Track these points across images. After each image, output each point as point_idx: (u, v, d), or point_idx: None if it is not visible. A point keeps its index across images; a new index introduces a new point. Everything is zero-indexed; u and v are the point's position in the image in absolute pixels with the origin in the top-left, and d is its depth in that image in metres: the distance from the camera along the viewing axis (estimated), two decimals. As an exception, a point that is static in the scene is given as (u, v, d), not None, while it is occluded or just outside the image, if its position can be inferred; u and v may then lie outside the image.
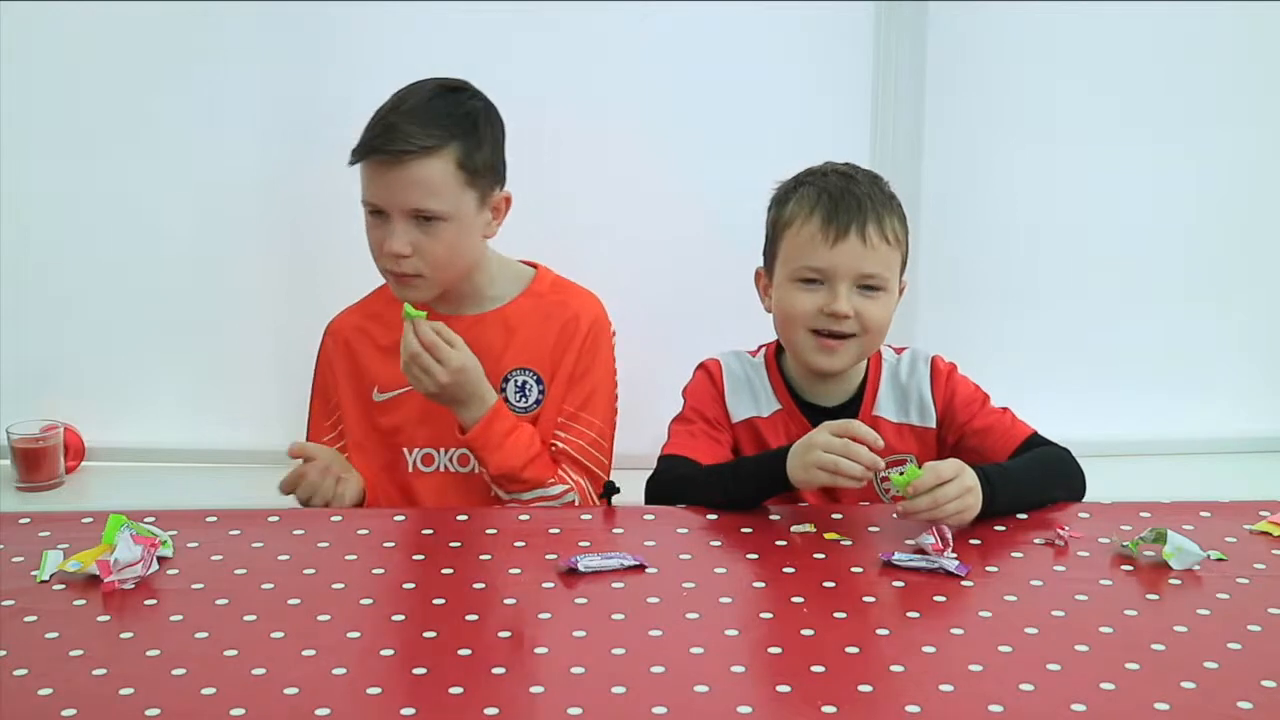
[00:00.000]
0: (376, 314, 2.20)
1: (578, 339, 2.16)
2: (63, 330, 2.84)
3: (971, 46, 2.73)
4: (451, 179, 2.05)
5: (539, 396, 2.16)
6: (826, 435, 1.81)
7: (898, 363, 2.07)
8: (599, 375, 2.18)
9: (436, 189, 2.04)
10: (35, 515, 1.84)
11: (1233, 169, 2.82)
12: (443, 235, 2.06)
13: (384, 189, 2.05)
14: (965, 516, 1.78)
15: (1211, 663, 1.48)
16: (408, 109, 2.05)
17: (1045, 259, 2.87)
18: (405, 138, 2.02)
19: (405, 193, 2.03)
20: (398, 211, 2.04)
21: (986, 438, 1.99)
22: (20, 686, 1.42)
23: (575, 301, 2.19)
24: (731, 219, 2.56)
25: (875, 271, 1.95)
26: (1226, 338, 2.92)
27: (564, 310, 2.17)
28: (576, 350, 2.16)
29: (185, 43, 2.69)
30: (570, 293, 2.21)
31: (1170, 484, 2.03)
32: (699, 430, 2.03)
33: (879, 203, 1.96)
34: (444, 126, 2.04)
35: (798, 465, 1.82)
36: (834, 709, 1.37)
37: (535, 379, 2.15)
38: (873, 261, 1.95)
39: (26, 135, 2.71)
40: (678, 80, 2.72)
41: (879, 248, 1.94)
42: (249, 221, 2.81)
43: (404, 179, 2.03)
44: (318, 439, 2.20)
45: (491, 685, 1.42)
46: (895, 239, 1.96)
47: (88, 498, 2.76)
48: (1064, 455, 1.97)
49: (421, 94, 2.08)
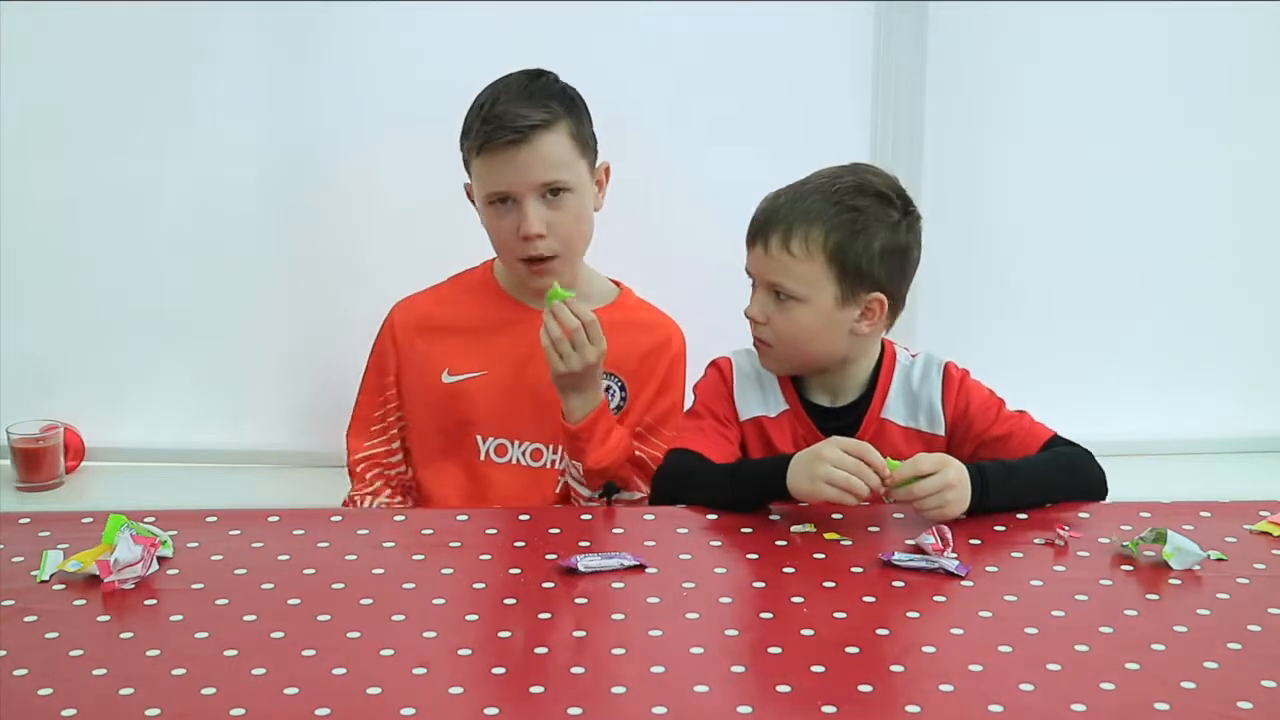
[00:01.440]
0: (449, 299, 2.25)
1: (667, 356, 2.23)
2: (63, 330, 2.84)
3: (971, 46, 2.72)
4: (569, 149, 2.13)
5: (621, 402, 2.19)
6: (839, 452, 1.80)
7: (911, 366, 2.06)
8: (678, 395, 2.23)
9: (561, 160, 2.11)
10: (35, 515, 1.84)
11: (1233, 168, 2.82)
12: (570, 207, 2.13)
13: (512, 171, 2.10)
14: (946, 511, 1.79)
15: (1211, 663, 1.48)
16: (510, 96, 2.11)
17: (1045, 259, 2.86)
18: (522, 117, 2.08)
19: (532, 170, 2.09)
20: (528, 191, 2.10)
21: (1007, 444, 1.98)
22: (20, 686, 1.42)
23: (665, 321, 2.28)
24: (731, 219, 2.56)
25: (777, 281, 1.96)
26: (1227, 337, 2.91)
27: (655, 326, 2.26)
28: (666, 366, 2.22)
29: (185, 42, 2.68)
30: (659, 313, 2.29)
31: (1170, 484, 2.03)
32: (708, 426, 2.03)
33: (800, 213, 1.94)
34: (550, 103, 2.12)
35: (803, 476, 1.81)
36: (834, 709, 1.37)
37: (620, 385, 2.18)
38: (773, 270, 1.96)
39: (26, 135, 2.70)
40: (677, 80, 2.71)
41: (779, 257, 1.95)
42: (249, 221, 2.80)
43: (530, 157, 2.09)
44: (364, 423, 2.24)
45: (491, 685, 1.42)
46: (805, 251, 1.93)
47: (88, 498, 2.76)
48: (1081, 455, 1.96)
49: (514, 83, 2.15)
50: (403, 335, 2.24)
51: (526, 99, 2.11)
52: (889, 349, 2.08)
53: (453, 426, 2.20)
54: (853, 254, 1.94)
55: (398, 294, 2.33)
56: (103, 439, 2.88)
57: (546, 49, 2.69)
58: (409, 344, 2.23)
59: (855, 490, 1.78)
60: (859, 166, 2.04)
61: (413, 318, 2.25)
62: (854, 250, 1.94)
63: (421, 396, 2.21)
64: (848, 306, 1.97)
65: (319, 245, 2.79)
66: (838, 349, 2.01)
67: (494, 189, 2.12)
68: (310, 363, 2.78)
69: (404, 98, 2.69)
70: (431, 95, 2.65)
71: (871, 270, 1.96)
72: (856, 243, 1.94)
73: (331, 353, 2.69)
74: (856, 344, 2.02)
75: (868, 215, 1.95)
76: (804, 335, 1.98)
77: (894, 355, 2.07)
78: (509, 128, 2.08)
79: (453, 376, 2.19)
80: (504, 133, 2.08)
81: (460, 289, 2.26)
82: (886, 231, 1.96)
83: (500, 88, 2.15)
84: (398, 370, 2.23)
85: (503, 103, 2.11)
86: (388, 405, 2.24)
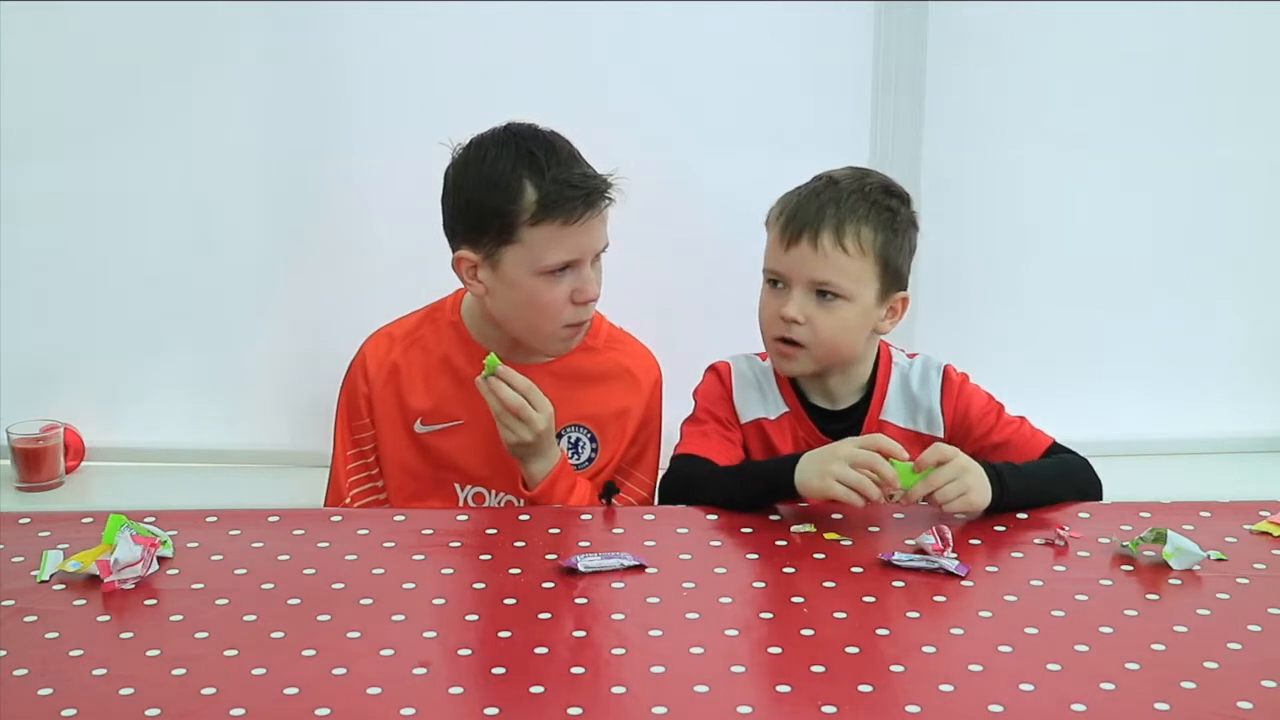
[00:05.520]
0: (419, 339, 2.14)
1: (638, 403, 2.14)
2: (63, 330, 2.84)
3: (971, 46, 2.73)
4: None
5: (591, 455, 2.13)
6: (854, 450, 1.81)
7: (909, 368, 2.06)
8: (654, 435, 2.17)
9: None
10: (35, 515, 1.84)
11: (1232, 169, 2.82)
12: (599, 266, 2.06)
13: (587, 238, 2.00)
14: (970, 498, 1.79)
15: (1211, 663, 1.48)
16: (565, 156, 1.99)
17: (1044, 259, 2.87)
18: (602, 180, 2.00)
19: (599, 233, 2.02)
20: (591, 255, 2.02)
21: (1006, 450, 1.98)
22: (20, 686, 1.42)
23: (634, 361, 2.16)
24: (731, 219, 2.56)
25: (827, 278, 1.94)
26: (1227, 338, 2.92)
27: (623, 371, 2.15)
28: (637, 415, 2.14)
29: (185, 43, 2.68)
30: (628, 350, 2.17)
31: (1170, 484, 2.02)
32: (711, 430, 2.03)
33: (848, 210, 1.94)
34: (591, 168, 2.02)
35: (813, 473, 1.81)
36: (834, 709, 1.37)
37: (589, 437, 2.12)
38: (824, 269, 1.94)
39: (26, 135, 2.71)
40: (678, 80, 2.72)
41: (832, 255, 1.93)
42: (250, 222, 2.81)
43: (599, 221, 2.01)
44: (342, 463, 2.15)
45: (492, 685, 1.42)
46: (859, 249, 1.93)
47: (88, 498, 2.76)
48: (1082, 463, 1.97)
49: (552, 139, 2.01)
50: (376, 383, 2.13)
51: (578, 157, 2.01)
52: (884, 350, 2.08)
53: (429, 473, 2.13)
54: (894, 252, 1.97)
55: (397, 294, 2.30)
56: (103, 439, 2.89)
57: (546, 50, 2.70)
58: (381, 392, 2.13)
59: (866, 491, 1.78)
60: (867, 170, 2.04)
61: (382, 365, 2.13)
62: (894, 249, 1.97)
63: (394, 443, 2.13)
64: (881, 305, 1.98)
65: (319, 245, 2.80)
66: (860, 348, 2.02)
67: (565, 258, 1.98)
68: (310, 363, 2.78)
69: (404, 100, 2.70)
70: (432, 98, 2.66)
71: (902, 269, 1.99)
72: (895, 242, 1.97)
73: (331, 353, 2.67)
74: (870, 344, 2.03)
75: (900, 216, 1.98)
76: (845, 334, 1.97)
77: (890, 356, 2.07)
78: (602, 193, 1.97)
79: (426, 426, 2.11)
80: (597, 196, 1.97)
81: (434, 328, 2.14)
82: (912, 232, 2.00)
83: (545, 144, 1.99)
84: (371, 412, 2.13)
85: (566, 163, 1.98)
86: (363, 446, 2.15)
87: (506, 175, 1.97)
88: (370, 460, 2.15)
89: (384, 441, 2.14)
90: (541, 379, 2.01)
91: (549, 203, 1.95)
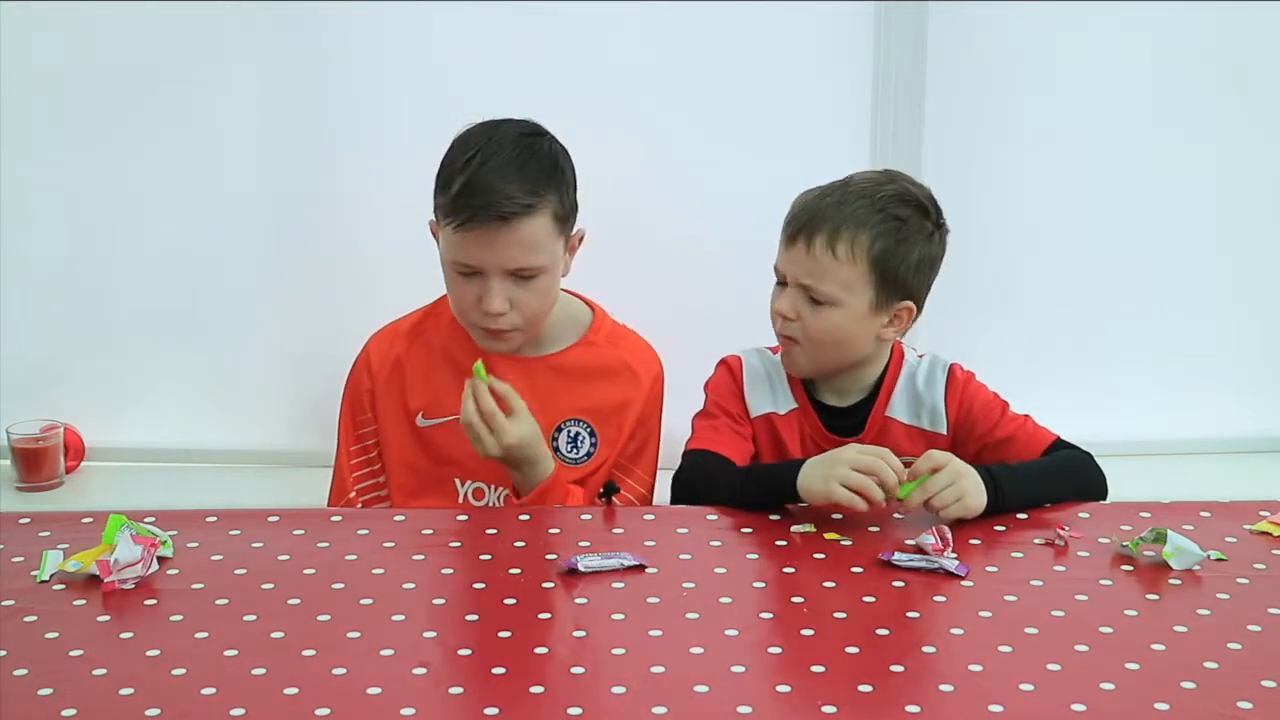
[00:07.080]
0: (422, 334, 2.16)
1: (638, 398, 2.13)
2: (63, 330, 2.84)
3: (971, 46, 2.73)
4: (549, 231, 1.99)
5: (590, 449, 2.13)
6: (857, 454, 1.82)
7: (917, 366, 2.07)
8: (653, 432, 2.17)
9: (538, 243, 1.98)
10: (35, 515, 1.84)
11: (1232, 169, 2.82)
12: (538, 287, 2.01)
13: (486, 251, 1.96)
14: (967, 503, 1.79)
15: (1211, 663, 1.48)
16: (498, 165, 1.96)
17: (1045, 259, 2.87)
18: (508, 200, 1.94)
19: (509, 253, 1.96)
20: (497, 270, 1.98)
21: (1010, 447, 1.99)
22: (20, 686, 1.42)
23: (634, 357, 2.15)
24: (731, 219, 2.57)
25: (810, 282, 1.95)
26: (1226, 338, 2.92)
27: (623, 366, 2.14)
28: (636, 410, 2.13)
29: (185, 43, 2.68)
30: (628, 346, 2.17)
31: (1170, 484, 2.03)
32: (722, 425, 2.04)
33: (847, 216, 1.94)
34: (539, 181, 1.97)
35: (817, 476, 1.82)
36: (834, 709, 1.37)
37: (589, 431, 2.12)
38: (810, 272, 1.95)
39: (26, 135, 2.71)
40: (678, 80, 2.72)
41: (821, 259, 1.94)
42: (249, 222, 2.81)
43: (508, 239, 1.95)
44: (346, 458, 2.16)
45: (491, 685, 1.42)
46: (850, 256, 1.93)
47: (88, 498, 2.76)
48: (1082, 458, 1.97)
49: (504, 146, 1.99)
50: (379, 378, 2.15)
51: (516, 172, 1.96)
52: (897, 349, 2.08)
53: (429, 468, 2.14)
54: (894, 262, 1.95)
55: (397, 294, 2.30)
56: (103, 439, 2.89)
57: (546, 50, 2.70)
58: (384, 386, 2.15)
59: (869, 493, 1.78)
60: (896, 174, 2.04)
61: (385, 360, 2.15)
62: (895, 259, 1.95)
63: (396, 438, 2.14)
64: (879, 313, 1.98)
65: (319, 245, 2.80)
66: (861, 352, 2.02)
67: (463, 260, 1.99)
68: (310, 363, 2.78)
69: (404, 101, 2.70)
70: (432, 98, 2.66)
71: (907, 279, 1.98)
72: (898, 251, 1.95)
73: (331, 353, 2.67)
74: (878, 348, 2.03)
75: (910, 225, 1.97)
76: (833, 338, 1.98)
77: (901, 356, 2.08)
78: (493, 212, 1.93)
79: (427, 421, 2.12)
80: (486, 214, 1.93)
81: (436, 323, 2.15)
82: (924, 242, 1.98)
83: (489, 149, 1.97)
84: (374, 407, 2.15)
85: (488, 172, 1.95)
86: (366, 442, 2.16)
87: (447, 164, 2.01)
88: (373, 455, 2.16)
89: (386, 437, 2.15)
90: (541, 372, 2.02)
91: (448, 204, 1.98)
